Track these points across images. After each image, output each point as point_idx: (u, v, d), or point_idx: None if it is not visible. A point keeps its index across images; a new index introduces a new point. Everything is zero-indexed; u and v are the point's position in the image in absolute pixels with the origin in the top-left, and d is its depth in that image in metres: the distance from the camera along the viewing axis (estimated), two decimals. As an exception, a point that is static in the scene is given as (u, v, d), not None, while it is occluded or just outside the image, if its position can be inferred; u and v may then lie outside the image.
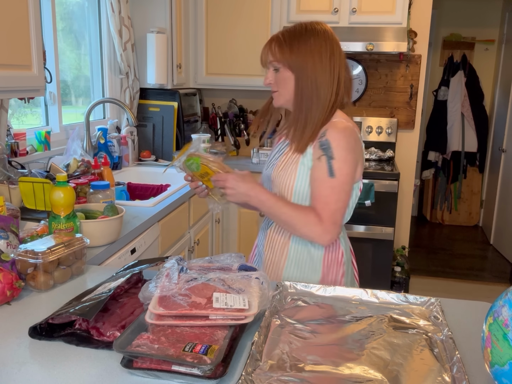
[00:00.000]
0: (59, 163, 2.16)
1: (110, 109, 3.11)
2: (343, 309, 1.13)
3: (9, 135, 2.14)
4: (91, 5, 2.90)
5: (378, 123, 3.61)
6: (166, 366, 0.86)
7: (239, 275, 1.09)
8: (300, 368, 0.89)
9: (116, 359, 0.91)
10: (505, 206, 4.65)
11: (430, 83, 5.40)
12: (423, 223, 5.61)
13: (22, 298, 1.20)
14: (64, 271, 1.29)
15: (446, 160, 5.39)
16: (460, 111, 5.27)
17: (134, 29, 3.04)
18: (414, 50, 3.53)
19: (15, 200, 1.75)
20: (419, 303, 1.15)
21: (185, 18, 3.31)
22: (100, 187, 1.85)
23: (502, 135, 4.77)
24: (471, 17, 5.27)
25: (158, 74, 3.00)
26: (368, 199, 3.09)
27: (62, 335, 1.00)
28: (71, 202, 1.46)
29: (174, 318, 0.96)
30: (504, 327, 0.77)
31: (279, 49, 1.38)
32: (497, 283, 3.95)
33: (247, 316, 0.96)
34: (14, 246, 1.30)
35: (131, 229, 1.80)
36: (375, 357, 0.92)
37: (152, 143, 3.21)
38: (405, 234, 3.77)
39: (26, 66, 1.65)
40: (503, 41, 5.03)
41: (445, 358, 0.93)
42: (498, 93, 5.06)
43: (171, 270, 1.09)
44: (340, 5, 3.27)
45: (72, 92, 2.83)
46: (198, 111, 3.61)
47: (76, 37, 2.81)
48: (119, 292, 1.14)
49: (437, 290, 3.74)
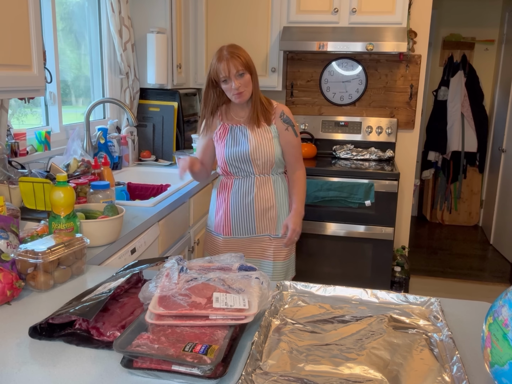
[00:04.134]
0: (59, 163, 2.16)
1: (110, 109, 3.11)
2: (343, 309, 1.13)
3: (9, 135, 2.14)
4: (91, 5, 2.90)
5: (378, 123, 3.61)
6: (166, 366, 0.86)
7: (239, 275, 1.09)
8: (300, 368, 0.89)
9: (116, 359, 0.92)
10: (505, 206, 4.65)
11: (430, 83, 5.40)
12: (423, 223, 5.61)
13: (22, 298, 1.20)
14: (64, 271, 1.29)
15: (446, 160, 5.39)
16: (460, 111, 5.27)
17: (134, 29, 3.04)
18: (414, 50, 3.53)
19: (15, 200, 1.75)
20: (419, 303, 1.15)
21: (185, 18, 3.31)
22: (100, 187, 1.85)
23: (502, 135, 4.77)
24: (471, 17, 5.27)
25: (158, 74, 3.00)
26: (368, 199, 3.10)
27: (62, 335, 1.00)
28: (71, 202, 1.46)
29: (174, 318, 0.96)
30: (504, 327, 0.77)
31: (244, 58, 1.97)
32: (497, 283, 3.95)
33: (247, 316, 0.96)
34: (14, 246, 1.30)
35: (131, 229, 1.80)
36: (375, 357, 0.92)
37: (152, 143, 3.21)
38: (405, 234, 3.77)
39: (26, 66, 1.65)
40: (503, 41, 5.03)
41: (445, 358, 0.93)
42: (498, 93, 5.06)
43: (171, 270, 1.09)
44: (340, 5, 3.27)
45: (72, 92, 2.83)
46: (198, 111, 3.60)
47: (76, 37, 2.81)
48: (119, 292, 1.14)
49: (437, 290, 3.74)
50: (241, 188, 2.10)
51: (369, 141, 3.65)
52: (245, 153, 2.04)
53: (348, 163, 3.42)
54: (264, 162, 2.05)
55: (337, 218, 3.23)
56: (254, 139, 2.04)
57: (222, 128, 2.10)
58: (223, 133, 2.09)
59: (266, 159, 2.05)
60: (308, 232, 3.24)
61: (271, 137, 2.05)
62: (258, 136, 2.04)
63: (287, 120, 2.09)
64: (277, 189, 2.12)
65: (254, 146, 2.03)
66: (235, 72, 1.92)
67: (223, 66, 1.91)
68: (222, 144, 2.08)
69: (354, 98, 3.68)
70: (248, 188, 2.09)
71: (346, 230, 3.23)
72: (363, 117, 3.66)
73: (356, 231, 3.22)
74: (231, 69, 1.91)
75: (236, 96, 1.97)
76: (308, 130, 3.70)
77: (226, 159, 2.07)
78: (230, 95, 1.98)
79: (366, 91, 3.66)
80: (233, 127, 2.08)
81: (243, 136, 2.06)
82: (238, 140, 2.06)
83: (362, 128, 3.64)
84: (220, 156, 2.10)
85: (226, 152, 2.06)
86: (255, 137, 2.04)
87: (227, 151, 2.06)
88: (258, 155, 2.03)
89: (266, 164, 2.06)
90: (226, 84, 1.95)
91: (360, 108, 3.70)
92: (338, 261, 3.29)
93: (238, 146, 2.05)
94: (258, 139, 2.04)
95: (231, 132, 2.08)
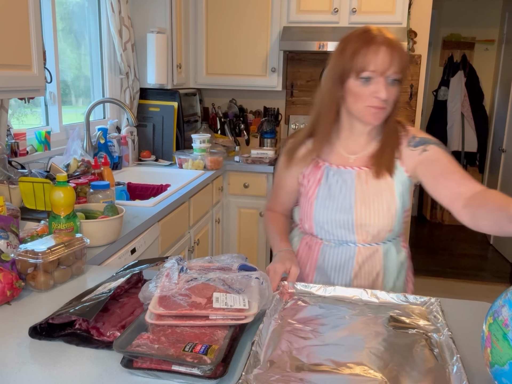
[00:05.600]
0: (59, 163, 2.16)
1: (110, 109, 3.11)
2: (343, 309, 1.13)
3: (9, 135, 2.14)
4: (91, 5, 2.90)
5: (378, 123, 3.61)
6: (166, 366, 0.86)
7: (239, 275, 1.09)
8: (300, 368, 0.89)
9: (116, 359, 0.91)
10: (505, 206, 4.64)
11: (430, 83, 5.40)
12: (423, 223, 5.61)
13: (22, 298, 1.20)
14: (64, 271, 1.29)
15: (446, 160, 5.39)
16: (460, 111, 5.27)
17: (134, 29, 3.04)
18: (414, 50, 3.53)
19: (15, 200, 1.75)
20: (419, 303, 1.15)
21: (185, 18, 3.31)
22: (100, 187, 1.85)
23: (502, 135, 4.77)
24: (471, 17, 5.27)
25: (158, 74, 3.00)
26: (368, 199, 3.08)
27: (62, 335, 1.00)
28: (71, 202, 1.46)
29: (174, 318, 0.96)
30: (504, 327, 0.77)
31: (406, 60, 1.24)
32: (497, 283, 3.95)
33: (247, 316, 0.96)
34: (14, 246, 1.30)
35: (131, 229, 1.80)
36: (375, 357, 0.92)
37: (152, 143, 3.21)
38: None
39: (26, 66, 1.65)
40: (503, 41, 5.03)
41: (445, 358, 0.93)
42: (498, 93, 5.06)
43: (171, 270, 1.09)
44: (340, 5, 3.27)
45: (72, 92, 2.83)
46: (198, 111, 3.61)
47: (76, 37, 2.81)
48: (119, 292, 1.14)
49: (437, 290, 3.74)
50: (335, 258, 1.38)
51: (369, 141, 3.64)
52: (345, 223, 1.33)
53: (348, 163, 3.42)
54: (379, 229, 1.33)
55: (337, 218, 3.22)
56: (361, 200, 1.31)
57: (315, 168, 1.36)
58: (316, 178, 1.35)
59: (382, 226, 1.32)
60: (308, 232, 3.24)
61: (391, 187, 1.31)
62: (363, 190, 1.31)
63: (419, 143, 1.31)
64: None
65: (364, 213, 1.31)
66: (391, 73, 1.21)
67: (378, 56, 1.18)
68: (310, 194, 1.35)
69: (354, 98, 3.68)
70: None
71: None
72: (363, 117, 3.65)
73: (356, 231, 3.21)
74: (384, 65, 1.19)
75: (373, 111, 1.23)
76: (308, 130, 3.69)
77: (317, 220, 1.36)
78: (362, 106, 1.23)
79: (366, 91, 3.66)
80: (333, 170, 1.34)
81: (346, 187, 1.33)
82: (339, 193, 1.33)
83: (362, 128, 3.64)
84: (303, 209, 1.39)
85: (318, 212, 1.35)
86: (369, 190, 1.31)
87: (319, 209, 1.34)
88: (368, 220, 1.31)
89: (380, 231, 1.33)
90: (367, 85, 1.21)
91: (360, 108, 3.70)
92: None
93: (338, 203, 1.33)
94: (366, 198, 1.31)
95: (327, 177, 1.34)
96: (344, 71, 1.22)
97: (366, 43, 1.18)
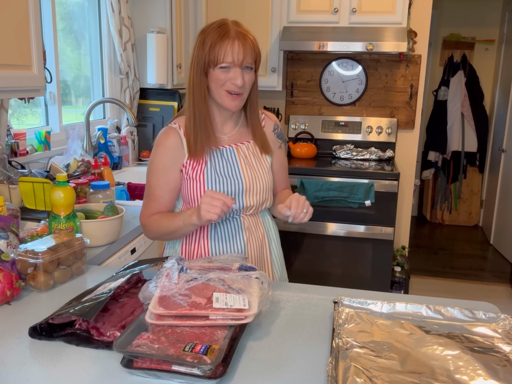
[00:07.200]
0: (59, 163, 2.16)
1: (110, 109, 3.11)
2: (408, 330, 1.07)
3: (9, 135, 2.14)
4: (91, 5, 2.90)
5: (378, 123, 3.61)
6: (166, 366, 0.86)
7: (239, 275, 1.09)
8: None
9: (116, 359, 0.91)
10: (505, 206, 4.65)
11: (430, 83, 5.40)
12: (423, 223, 5.61)
13: (22, 298, 1.20)
14: (64, 271, 1.29)
15: (446, 160, 5.39)
16: (460, 111, 5.27)
17: (134, 29, 3.04)
18: (414, 50, 3.53)
19: (15, 200, 1.75)
20: (486, 319, 1.10)
21: (185, 18, 3.31)
22: (100, 187, 1.85)
23: (502, 135, 4.77)
24: (471, 17, 5.27)
25: (158, 74, 3.00)
26: (368, 199, 3.09)
27: (62, 335, 1.00)
28: (71, 202, 1.46)
29: (174, 318, 0.96)
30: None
31: (257, 51, 1.40)
32: (497, 283, 3.95)
33: (247, 316, 0.96)
34: (14, 246, 1.30)
35: (131, 229, 1.80)
36: None
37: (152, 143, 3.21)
38: (405, 234, 3.77)
39: (26, 66, 1.65)
40: (503, 41, 5.03)
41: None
42: (498, 93, 5.06)
43: (171, 270, 1.09)
44: (340, 5, 3.27)
45: (72, 92, 2.83)
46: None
47: (76, 37, 2.81)
48: (119, 292, 1.14)
49: (437, 290, 3.74)
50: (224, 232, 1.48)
51: (369, 141, 3.64)
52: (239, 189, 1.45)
53: (348, 163, 3.42)
54: (260, 199, 1.48)
55: (337, 218, 3.23)
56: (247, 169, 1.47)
57: (198, 154, 1.44)
58: (200, 162, 1.43)
59: (264, 196, 1.49)
60: (308, 232, 3.24)
61: (266, 162, 1.51)
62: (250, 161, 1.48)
63: (280, 135, 1.58)
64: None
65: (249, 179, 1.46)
66: (245, 63, 1.36)
67: (231, 48, 1.33)
68: (198, 178, 1.42)
69: (354, 98, 3.68)
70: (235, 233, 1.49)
71: (346, 230, 3.22)
72: (363, 117, 3.65)
73: (356, 231, 3.22)
74: (239, 56, 1.34)
75: (231, 98, 1.37)
76: (308, 130, 3.70)
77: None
78: (221, 93, 1.37)
79: (366, 91, 3.66)
80: (214, 151, 1.45)
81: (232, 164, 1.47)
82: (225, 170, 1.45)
83: (362, 128, 3.64)
84: (193, 196, 1.43)
85: (212, 188, 1.43)
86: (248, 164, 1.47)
87: (209, 188, 1.42)
88: (254, 191, 1.46)
89: (260, 202, 1.49)
90: (226, 72, 1.35)
91: (360, 108, 3.70)
92: (338, 261, 3.28)
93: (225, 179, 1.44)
94: (252, 169, 1.47)
95: (211, 158, 1.44)
96: (205, 63, 1.37)
97: (221, 37, 1.34)
